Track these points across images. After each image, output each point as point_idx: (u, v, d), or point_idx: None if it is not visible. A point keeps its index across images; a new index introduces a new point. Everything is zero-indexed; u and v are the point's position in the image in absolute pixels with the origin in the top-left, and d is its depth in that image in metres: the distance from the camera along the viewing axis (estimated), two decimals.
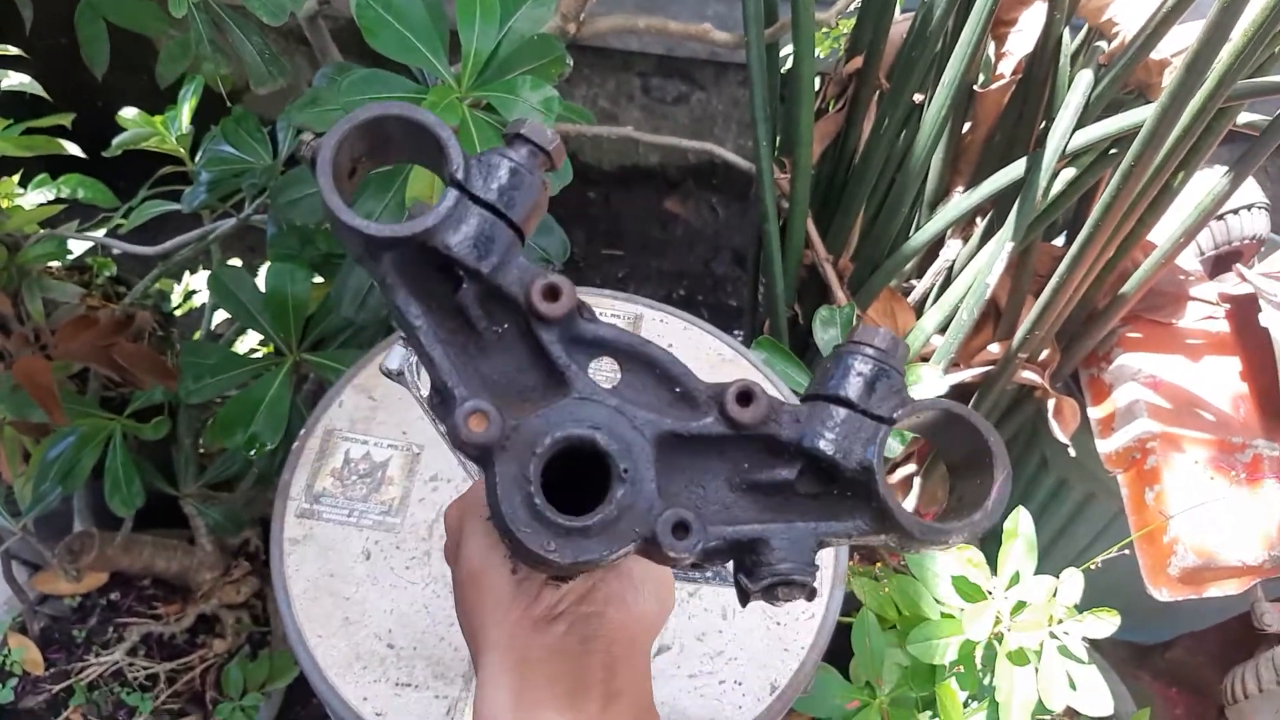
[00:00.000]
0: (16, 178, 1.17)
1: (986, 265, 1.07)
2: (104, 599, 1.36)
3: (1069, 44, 0.99)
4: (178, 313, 1.41)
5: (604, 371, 0.39)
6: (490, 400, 0.34)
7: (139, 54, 1.11)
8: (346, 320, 1.04)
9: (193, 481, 1.24)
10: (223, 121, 1.04)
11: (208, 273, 1.46)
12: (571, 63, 0.88)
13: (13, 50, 0.99)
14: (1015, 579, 0.98)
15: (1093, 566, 1.04)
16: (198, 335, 1.27)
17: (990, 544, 1.04)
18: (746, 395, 0.37)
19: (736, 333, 2.12)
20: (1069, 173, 1.05)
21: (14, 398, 1.01)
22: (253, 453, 0.99)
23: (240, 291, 1.02)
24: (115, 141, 1.15)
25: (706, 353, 0.97)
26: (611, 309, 1.00)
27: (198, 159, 1.08)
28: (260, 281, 1.03)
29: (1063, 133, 0.98)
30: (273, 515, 0.84)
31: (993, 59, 1.11)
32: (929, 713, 0.97)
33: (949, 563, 1.00)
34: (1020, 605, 0.96)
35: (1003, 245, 1.05)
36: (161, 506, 1.23)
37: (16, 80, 1.00)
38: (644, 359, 0.38)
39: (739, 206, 2.15)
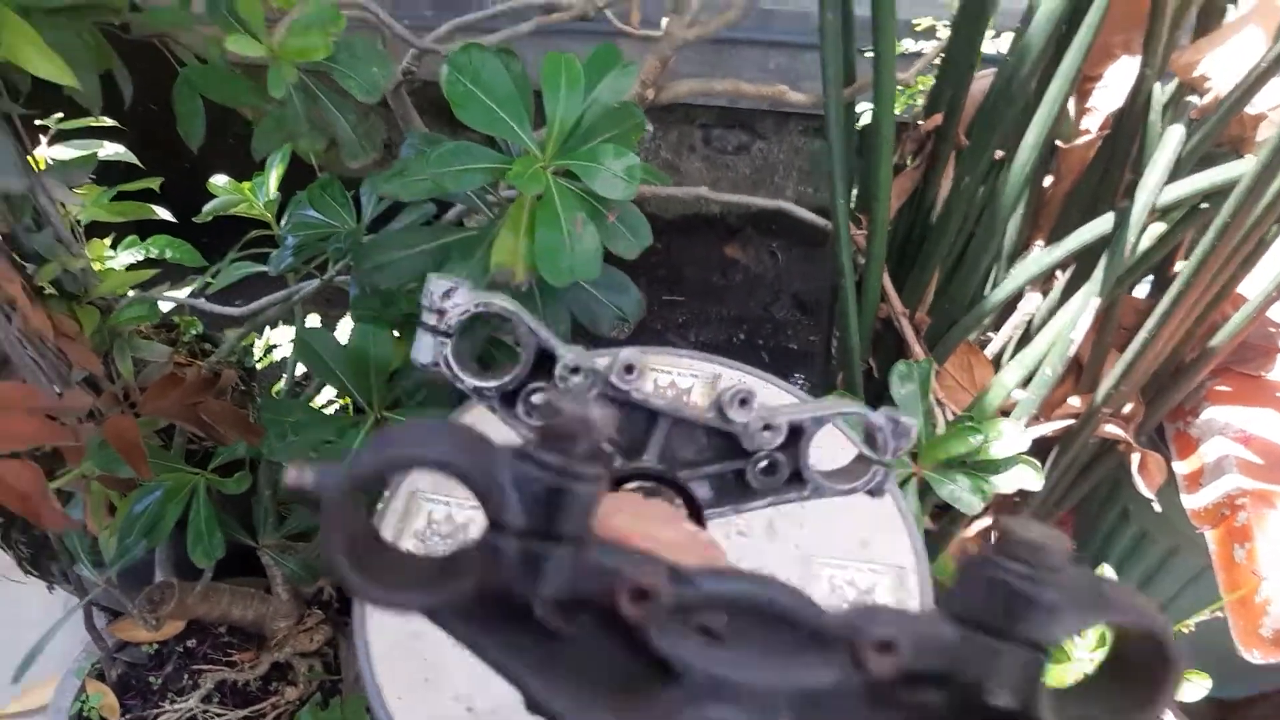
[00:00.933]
0: (109, 240, 1.21)
1: (1070, 320, 1.05)
2: (180, 646, 1.38)
3: (1160, 98, 0.98)
4: (258, 365, 1.44)
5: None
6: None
7: (226, 118, 1.15)
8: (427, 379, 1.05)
9: (272, 533, 1.26)
10: (309, 188, 1.07)
11: (287, 327, 1.49)
12: (651, 127, 0.89)
13: (109, 122, 1.03)
14: (1102, 640, 0.95)
15: (1185, 630, 1.00)
16: (277, 389, 1.29)
17: None
18: (886, 645, 0.30)
19: (796, 377, 2.11)
20: (1158, 227, 1.03)
21: (102, 454, 1.03)
22: None
23: (325, 353, 1.04)
24: (206, 208, 1.18)
25: None
26: (690, 369, 0.99)
27: (284, 223, 1.10)
28: (341, 337, 1.05)
29: (1153, 187, 0.96)
30: None
31: (1073, 114, 1.10)
32: None
33: None
34: None
35: (1088, 300, 1.03)
36: (238, 555, 1.25)
37: (112, 150, 1.03)
38: (765, 612, 0.31)
39: (799, 251, 2.15)
